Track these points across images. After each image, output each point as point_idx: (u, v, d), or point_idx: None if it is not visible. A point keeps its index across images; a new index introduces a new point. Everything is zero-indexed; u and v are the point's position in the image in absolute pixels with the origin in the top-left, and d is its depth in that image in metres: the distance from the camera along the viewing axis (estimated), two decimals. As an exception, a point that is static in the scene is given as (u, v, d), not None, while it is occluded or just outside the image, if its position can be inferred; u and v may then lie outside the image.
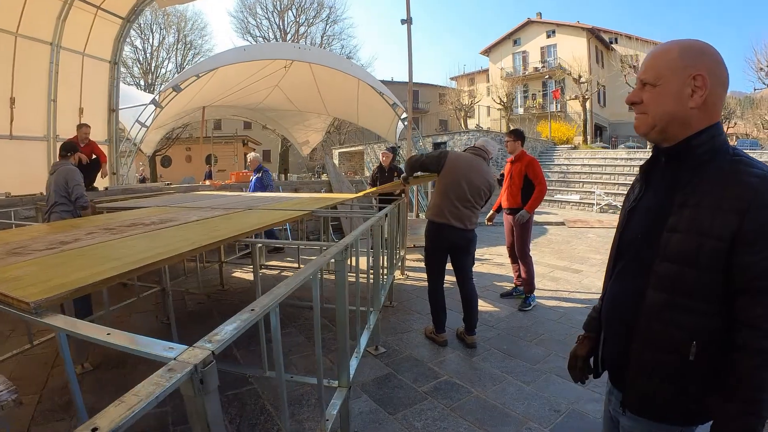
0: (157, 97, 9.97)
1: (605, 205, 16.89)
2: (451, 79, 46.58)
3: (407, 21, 6.35)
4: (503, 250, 6.54)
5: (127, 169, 10.70)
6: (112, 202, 5.26)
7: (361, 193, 6.41)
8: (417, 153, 4.35)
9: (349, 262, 2.25)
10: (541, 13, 39.54)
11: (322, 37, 33.19)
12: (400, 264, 6.19)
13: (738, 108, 41.28)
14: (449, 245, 3.92)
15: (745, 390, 1.02)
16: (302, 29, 32.73)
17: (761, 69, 24.25)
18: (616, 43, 37.20)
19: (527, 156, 5.18)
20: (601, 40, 37.14)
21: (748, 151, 16.70)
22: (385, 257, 4.43)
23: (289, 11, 32.44)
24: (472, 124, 35.41)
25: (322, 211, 4.10)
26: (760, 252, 1.01)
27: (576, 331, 4.30)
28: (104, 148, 8.74)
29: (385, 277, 4.34)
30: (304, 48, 13.27)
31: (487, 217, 5.49)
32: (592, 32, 35.76)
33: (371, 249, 3.46)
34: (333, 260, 2.13)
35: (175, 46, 30.19)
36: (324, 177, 12.98)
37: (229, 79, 11.09)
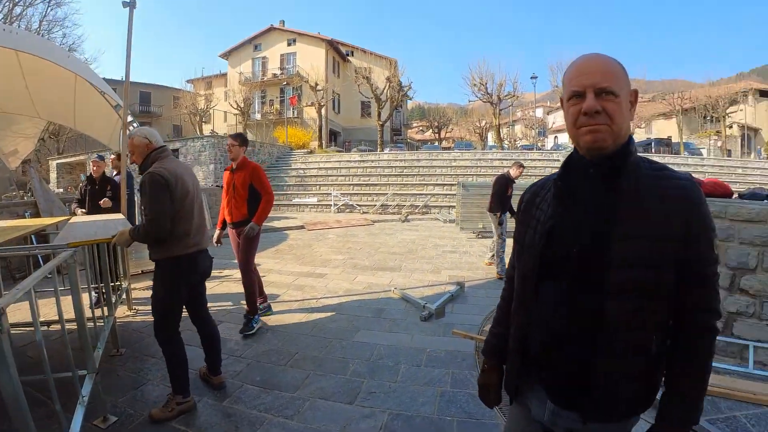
0: None
1: (342, 205, 18.06)
2: (188, 81, 43.77)
3: (130, 4, 5.33)
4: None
5: None
6: None
7: (56, 219, 5.10)
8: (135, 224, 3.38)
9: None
10: (284, 21, 40.65)
11: (41, 21, 26.64)
12: (125, 297, 5.13)
13: (454, 116, 51.61)
14: (201, 275, 3.18)
15: (699, 362, 1.17)
16: (18, 9, 25.69)
17: (475, 84, 29.71)
18: (352, 55, 41.32)
19: (251, 163, 4.67)
20: (338, 52, 40.38)
21: (463, 150, 20.52)
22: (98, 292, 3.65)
23: (2, -14, 25.18)
24: (207, 129, 33.96)
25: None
26: (704, 243, 1.15)
27: (331, 341, 4.25)
28: None
29: (101, 322, 3.50)
30: (8, 30, 10.28)
31: (215, 238, 4.70)
32: (330, 44, 38.55)
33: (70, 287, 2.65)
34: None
35: None
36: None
37: None
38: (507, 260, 2.16)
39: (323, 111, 32.43)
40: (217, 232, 4.85)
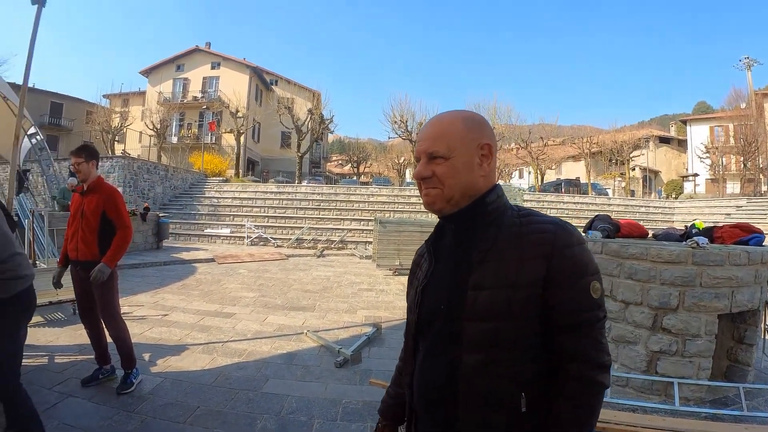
0: None
1: (255, 237, 17.43)
2: (105, 96, 40.12)
3: (39, 1, 4.82)
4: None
5: None
6: None
7: None
8: None
9: None
10: (210, 44, 39.84)
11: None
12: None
13: (374, 152, 52.90)
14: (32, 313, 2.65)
15: (579, 416, 1.07)
16: None
17: (395, 122, 30.16)
18: (276, 84, 41.38)
19: (107, 185, 3.81)
20: (262, 80, 40.24)
21: (381, 186, 21.03)
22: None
23: None
24: (120, 149, 31.77)
25: None
26: (571, 288, 1.09)
27: (237, 393, 3.84)
28: None
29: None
30: None
31: (54, 278, 3.87)
32: (255, 71, 38.40)
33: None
34: None
35: None
36: None
37: None
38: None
39: (242, 139, 31.65)
40: (58, 270, 3.90)
